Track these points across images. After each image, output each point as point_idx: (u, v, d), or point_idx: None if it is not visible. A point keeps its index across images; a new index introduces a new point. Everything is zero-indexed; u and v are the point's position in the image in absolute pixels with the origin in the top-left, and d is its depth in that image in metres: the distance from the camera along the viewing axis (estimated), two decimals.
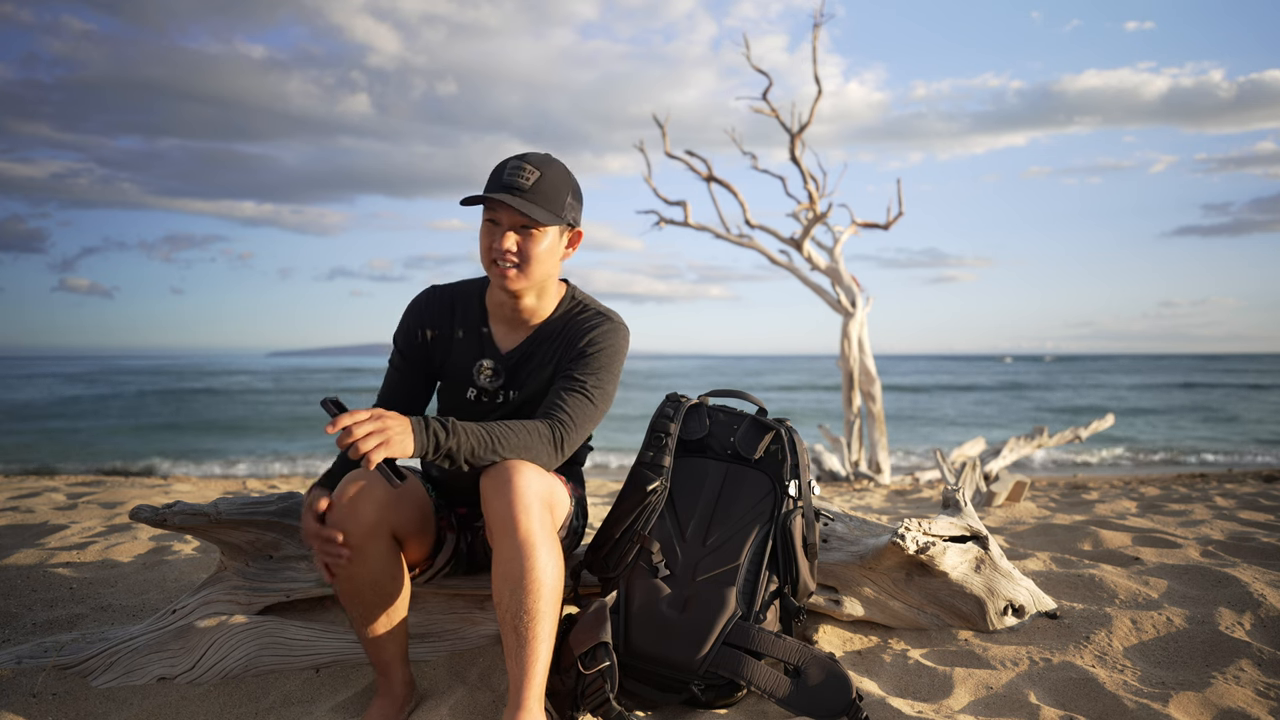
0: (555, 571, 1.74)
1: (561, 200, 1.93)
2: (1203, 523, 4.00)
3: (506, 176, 1.90)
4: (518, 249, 1.91)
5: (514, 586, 1.71)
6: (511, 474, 1.75)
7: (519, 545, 1.71)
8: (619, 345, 2.01)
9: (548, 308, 2.05)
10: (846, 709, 1.84)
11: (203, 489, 6.33)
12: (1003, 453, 7.06)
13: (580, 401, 1.91)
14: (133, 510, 2.09)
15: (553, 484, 1.85)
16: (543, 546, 1.73)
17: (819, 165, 9.18)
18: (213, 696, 2.01)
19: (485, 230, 1.94)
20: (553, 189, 1.91)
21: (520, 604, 1.70)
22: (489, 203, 1.89)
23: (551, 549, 1.75)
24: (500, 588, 1.73)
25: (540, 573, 1.71)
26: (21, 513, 4.29)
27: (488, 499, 1.76)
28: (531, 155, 1.93)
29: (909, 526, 2.29)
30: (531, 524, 1.73)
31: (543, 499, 1.78)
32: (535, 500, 1.75)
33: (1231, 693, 1.94)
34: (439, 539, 2.03)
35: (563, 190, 1.93)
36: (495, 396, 2.05)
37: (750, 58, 8.92)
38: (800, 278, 9.20)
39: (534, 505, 1.74)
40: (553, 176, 1.92)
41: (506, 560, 1.72)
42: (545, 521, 1.76)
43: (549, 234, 1.93)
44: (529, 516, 1.73)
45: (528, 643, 1.70)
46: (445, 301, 2.10)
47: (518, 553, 1.71)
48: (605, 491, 6.58)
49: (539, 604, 1.71)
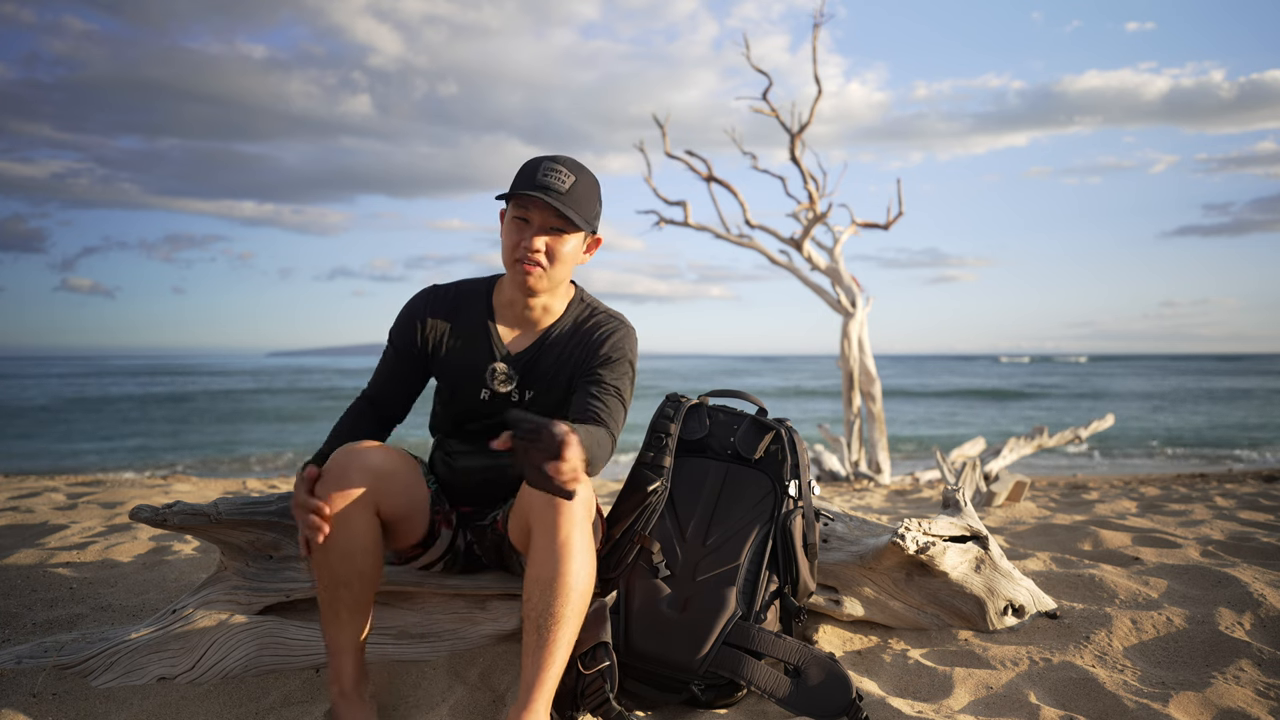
0: (587, 579, 1.75)
1: (593, 207, 1.96)
2: (1203, 523, 4.00)
3: (541, 177, 1.89)
4: (546, 250, 1.91)
5: (545, 588, 1.71)
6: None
7: (557, 548, 1.71)
8: (635, 348, 2.05)
9: (558, 309, 2.06)
10: (846, 709, 1.84)
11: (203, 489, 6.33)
12: (1003, 453, 7.06)
13: (617, 406, 1.95)
14: (133, 510, 2.09)
15: (593, 492, 1.86)
16: (580, 553, 1.74)
17: (819, 165, 9.19)
18: (213, 696, 2.01)
19: (514, 227, 1.92)
20: (586, 195, 1.93)
21: (548, 605, 1.71)
22: (525, 200, 1.89)
23: (588, 557, 1.76)
24: (531, 587, 1.73)
25: (573, 578, 1.72)
26: (21, 513, 4.29)
27: (533, 498, 1.76)
28: (563, 158, 1.93)
29: (909, 526, 2.29)
30: (573, 529, 1.73)
31: (587, 505, 1.79)
32: (580, 506, 1.76)
33: (1231, 693, 1.94)
34: (433, 531, 2.03)
35: (594, 197, 1.95)
36: (509, 397, 2.05)
37: (750, 58, 8.93)
38: (800, 278, 9.20)
39: (578, 511, 1.75)
40: (587, 182, 1.94)
41: (541, 562, 1.72)
42: (586, 529, 1.77)
43: (576, 238, 1.95)
44: (571, 521, 1.73)
45: (547, 645, 1.70)
46: (449, 301, 2.09)
47: (554, 555, 1.71)
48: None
49: (566, 609, 1.71)
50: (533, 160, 1.94)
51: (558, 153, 1.97)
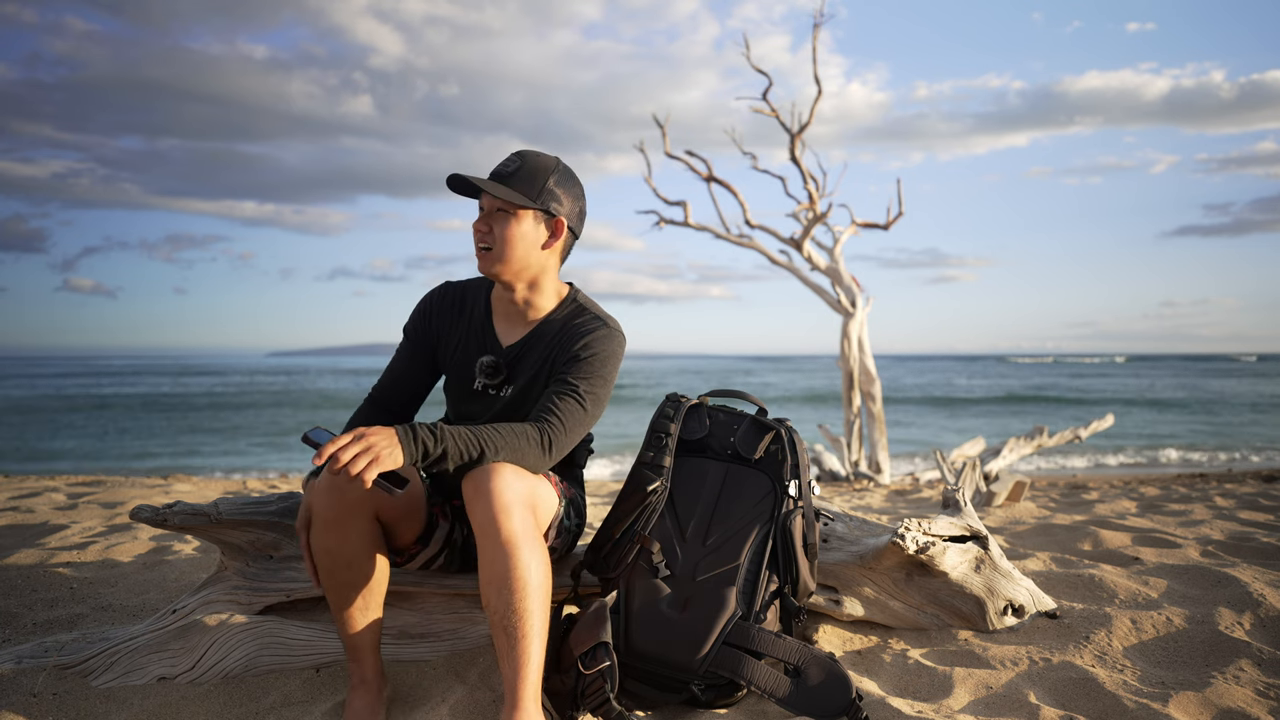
0: (540, 570, 1.75)
1: (538, 185, 1.96)
2: (1202, 523, 4.00)
3: (497, 167, 1.98)
4: (491, 231, 1.96)
5: (500, 587, 1.71)
6: (491, 477, 1.75)
7: (501, 546, 1.72)
8: (613, 351, 2.00)
9: (546, 305, 2.07)
10: (846, 709, 1.84)
11: (203, 489, 6.33)
12: (1002, 453, 7.06)
13: (571, 405, 1.91)
14: (133, 510, 2.09)
15: (535, 485, 1.85)
16: (525, 546, 1.73)
17: (819, 165, 9.20)
18: (213, 696, 2.01)
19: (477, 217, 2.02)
20: (530, 174, 1.96)
21: (507, 604, 1.71)
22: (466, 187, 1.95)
23: (535, 548, 1.75)
24: (487, 590, 1.73)
25: (524, 571, 1.72)
26: (21, 513, 4.29)
27: (470, 502, 1.77)
28: (526, 151, 1.99)
29: (909, 526, 2.29)
30: (513, 525, 1.73)
31: (524, 500, 1.78)
32: (516, 501, 1.75)
33: (1231, 693, 1.94)
34: (430, 525, 2.04)
35: (540, 176, 1.96)
36: (500, 389, 2.07)
37: (750, 58, 8.93)
38: (800, 278, 9.20)
39: (514, 507, 1.75)
40: (533, 162, 1.97)
41: (490, 562, 1.73)
42: (527, 522, 1.76)
43: (524, 219, 1.96)
44: (509, 518, 1.73)
45: (518, 642, 1.70)
46: (456, 296, 2.16)
47: (501, 553, 1.72)
48: (605, 491, 6.58)
49: (525, 602, 1.71)
50: None
51: (558, 153, 2.01)
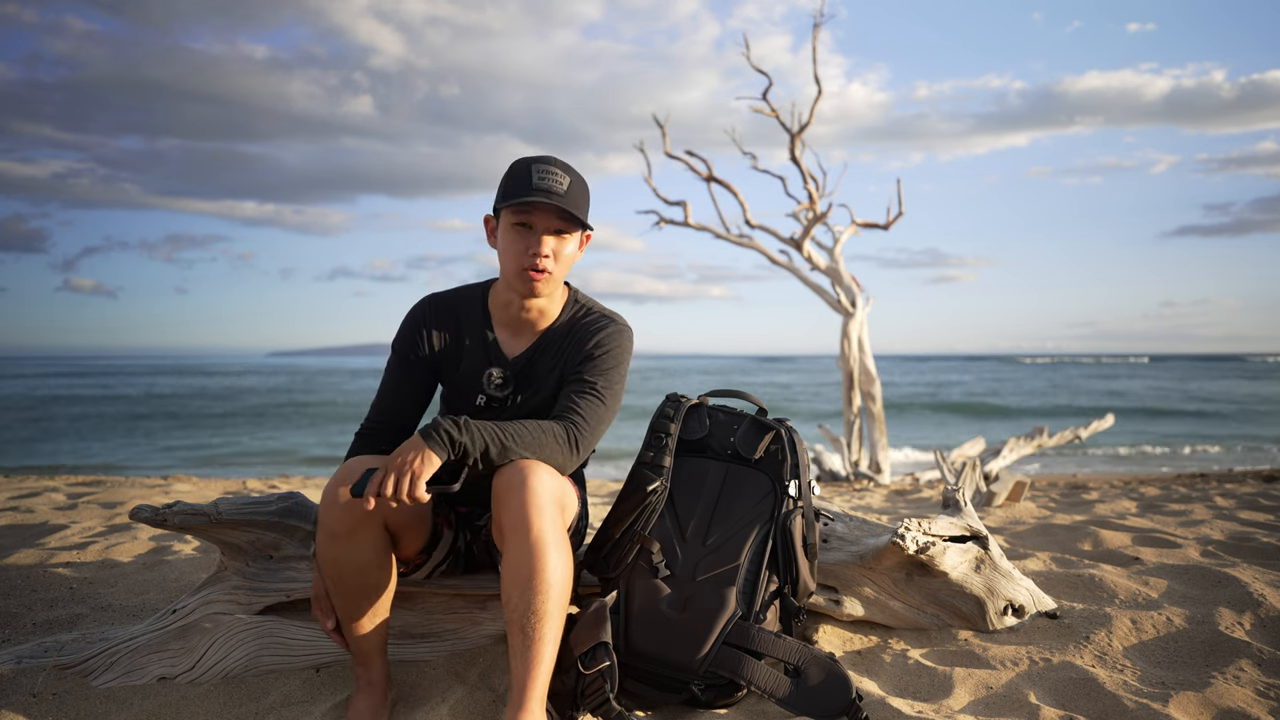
0: (565, 573, 1.74)
1: (588, 204, 1.96)
2: (1203, 523, 4.00)
3: (539, 180, 1.87)
4: (553, 253, 1.91)
5: (523, 587, 1.70)
6: (526, 474, 1.74)
7: (531, 546, 1.71)
8: (625, 347, 2.02)
9: (554, 311, 2.05)
10: (846, 709, 1.84)
11: (203, 489, 6.32)
12: (1002, 453, 7.06)
13: (593, 403, 1.91)
14: (133, 510, 2.09)
15: (565, 486, 1.85)
16: (554, 548, 1.73)
17: (819, 165, 9.21)
18: (213, 696, 2.01)
19: (516, 235, 1.90)
20: (581, 193, 1.94)
21: (529, 604, 1.70)
22: (526, 205, 1.87)
23: (562, 550, 1.75)
24: (509, 588, 1.72)
25: (550, 574, 1.71)
26: (21, 513, 4.29)
27: (501, 498, 1.76)
28: (552, 159, 1.92)
29: (909, 526, 2.29)
30: (544, 525, 1.72)
31: (556, 500, 1.78)
32: (549, 501, 1.75)
33: (1231, 693, 1.94)
34: (435, 535, 2.03)
35: (585, 192, 1.96)
36: (505, 402, 2.05)
37: (750, 58, 8.93)
38: (800, 278, 9.20)
39: (548, 506, 1.74)
40: (579, 179, 1.95)
41: (517, 560, 1.72)
42: (557, 523, 1.76)
43: (575, 238, 1.96)
44: (542, 517, 1.72)
45: (534, 643, 1.70)
46: (448, 310, 2.08)
47: (529, 553, 1.71)
48: (605, 491, 6.58)
49: (547, 605, 1.71)
50: (520, 163, 1.92)
51: (554, 154, 1.96)
